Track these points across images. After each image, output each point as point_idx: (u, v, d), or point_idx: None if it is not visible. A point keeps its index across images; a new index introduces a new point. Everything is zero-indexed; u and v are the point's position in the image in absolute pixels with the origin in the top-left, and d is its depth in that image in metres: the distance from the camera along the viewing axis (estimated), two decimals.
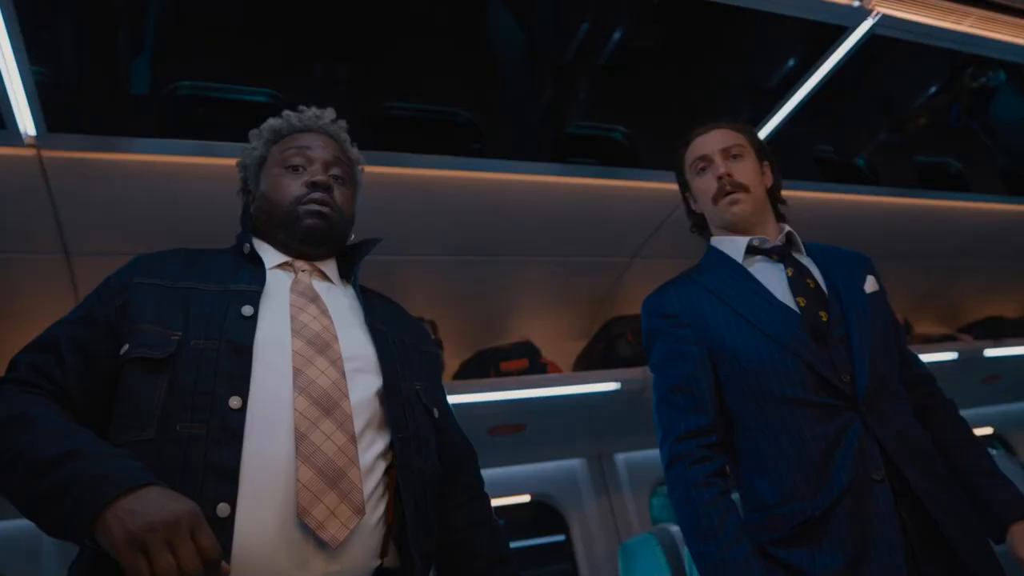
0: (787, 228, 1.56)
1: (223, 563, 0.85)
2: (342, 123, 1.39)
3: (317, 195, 1.25)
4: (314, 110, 1.37)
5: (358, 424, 1.07)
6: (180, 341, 1.05)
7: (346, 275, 1.33)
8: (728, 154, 1.55)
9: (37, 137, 1.94)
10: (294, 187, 1.27)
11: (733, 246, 1.54)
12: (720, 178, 1.53)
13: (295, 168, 1.29)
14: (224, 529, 0.91)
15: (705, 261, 1.59)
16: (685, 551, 2.46)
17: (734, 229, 1.55)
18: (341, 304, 1.22)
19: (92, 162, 2.05)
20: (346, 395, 1.07)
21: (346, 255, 1.35)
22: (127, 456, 0.91)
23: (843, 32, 2.22)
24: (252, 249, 1.23)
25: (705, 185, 1.57)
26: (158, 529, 0.80)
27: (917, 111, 2.75)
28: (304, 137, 1.33)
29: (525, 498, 3.14)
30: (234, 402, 1.00)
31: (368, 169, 1.46)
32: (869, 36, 2.23)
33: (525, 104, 2.33)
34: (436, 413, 1.24)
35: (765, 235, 1.54)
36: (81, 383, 1.03)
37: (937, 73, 2.58)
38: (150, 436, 0.97)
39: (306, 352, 1.08)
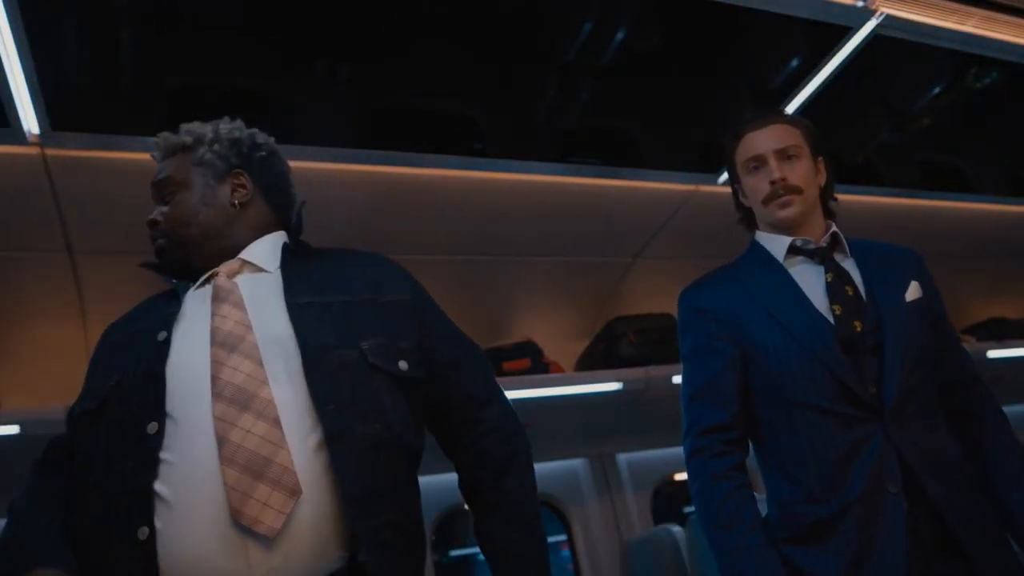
0: (833, 227, 1.52)
1: None
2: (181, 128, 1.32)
3: (151, 234, 1.27)
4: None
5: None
6: (114, 385, 1.10)
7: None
8: (783, 155, 1.49)
9: (41, 136, 1.95)
10: None
11: (776, 244, 1.51)
12: (774, 183, 1.47)
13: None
14: (147, 550, 0.95)
15: (747, 256, 1.56)
16: (686, 551, 2.46)
17: (781, 229, 1.52)
18: (267, 288, 1.19)
19: (96, 160, 2.06)
20: (265, 382, 1.05)
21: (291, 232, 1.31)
22: (41, 540, 1.01)
23: (847, 32, 2.22)
24: (170, 279, 1.26)
25: (757, 184, 1.51)
26: None
27: (920, 111, 2.75)
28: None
29: None
30: (151, 427, 1.02)
31: (368, 169, 1.46)
32: (873, 36, 2.23)
33: (527, 104, 2.33)
34: (404, 366, 1.16)
35: (811, 234, 1.50)
36: None
37: (940, 73, 2.58)
38: (95, 479, 1.03)
39: (220, 356, 1.07)
